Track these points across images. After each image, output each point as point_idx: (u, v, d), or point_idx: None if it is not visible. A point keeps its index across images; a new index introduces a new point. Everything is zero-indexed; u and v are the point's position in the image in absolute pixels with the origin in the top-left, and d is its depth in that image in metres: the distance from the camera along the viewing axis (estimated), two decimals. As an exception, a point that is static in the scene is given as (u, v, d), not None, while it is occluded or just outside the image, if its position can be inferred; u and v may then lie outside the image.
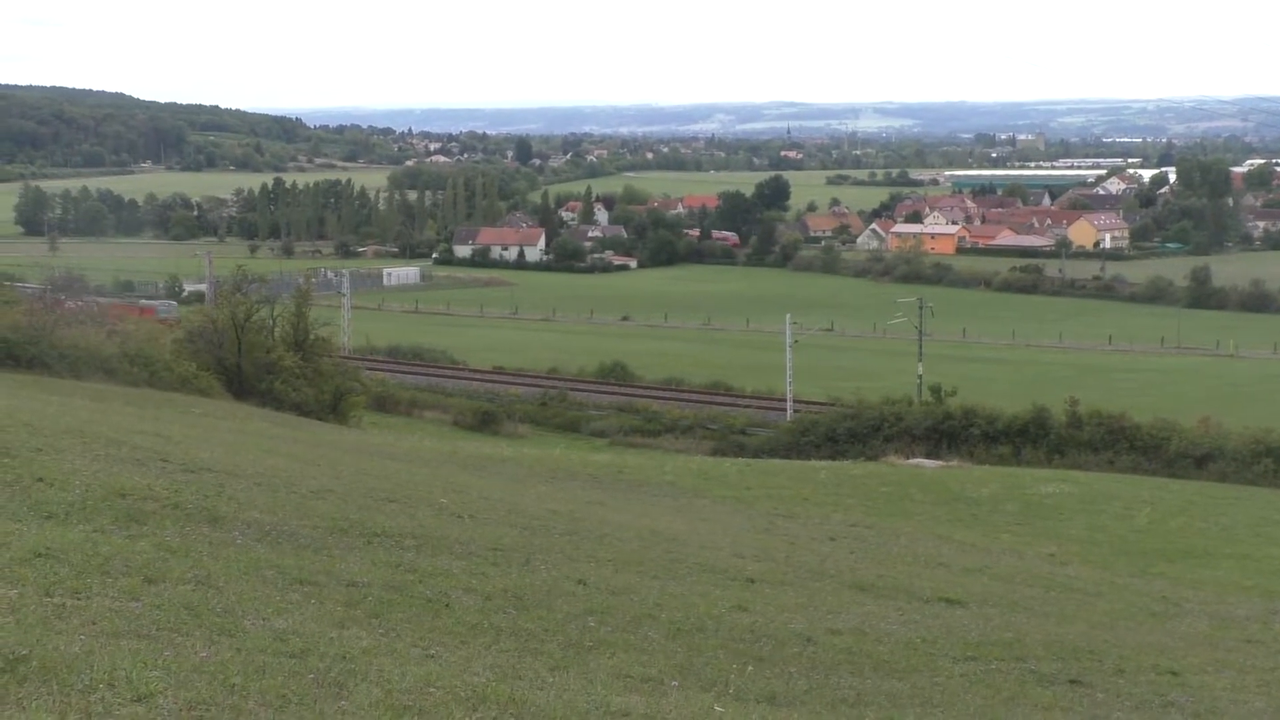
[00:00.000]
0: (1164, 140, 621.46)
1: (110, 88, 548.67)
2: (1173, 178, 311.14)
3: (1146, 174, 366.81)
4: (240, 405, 46.29)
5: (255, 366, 54.20)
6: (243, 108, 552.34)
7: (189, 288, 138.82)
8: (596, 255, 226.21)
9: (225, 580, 11.54)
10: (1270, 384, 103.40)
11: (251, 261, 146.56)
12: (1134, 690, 15.71)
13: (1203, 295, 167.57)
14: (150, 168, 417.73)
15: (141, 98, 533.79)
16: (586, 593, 15.15)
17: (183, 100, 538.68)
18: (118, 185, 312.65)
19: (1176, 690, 16.13)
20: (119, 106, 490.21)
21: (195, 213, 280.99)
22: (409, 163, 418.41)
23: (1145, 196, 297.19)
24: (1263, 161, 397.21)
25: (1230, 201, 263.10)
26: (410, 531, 17.09)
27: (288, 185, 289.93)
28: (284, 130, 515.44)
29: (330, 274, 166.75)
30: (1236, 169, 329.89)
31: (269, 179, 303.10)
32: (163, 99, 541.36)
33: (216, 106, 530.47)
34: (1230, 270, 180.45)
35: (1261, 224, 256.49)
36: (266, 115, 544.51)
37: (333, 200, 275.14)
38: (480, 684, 9.37)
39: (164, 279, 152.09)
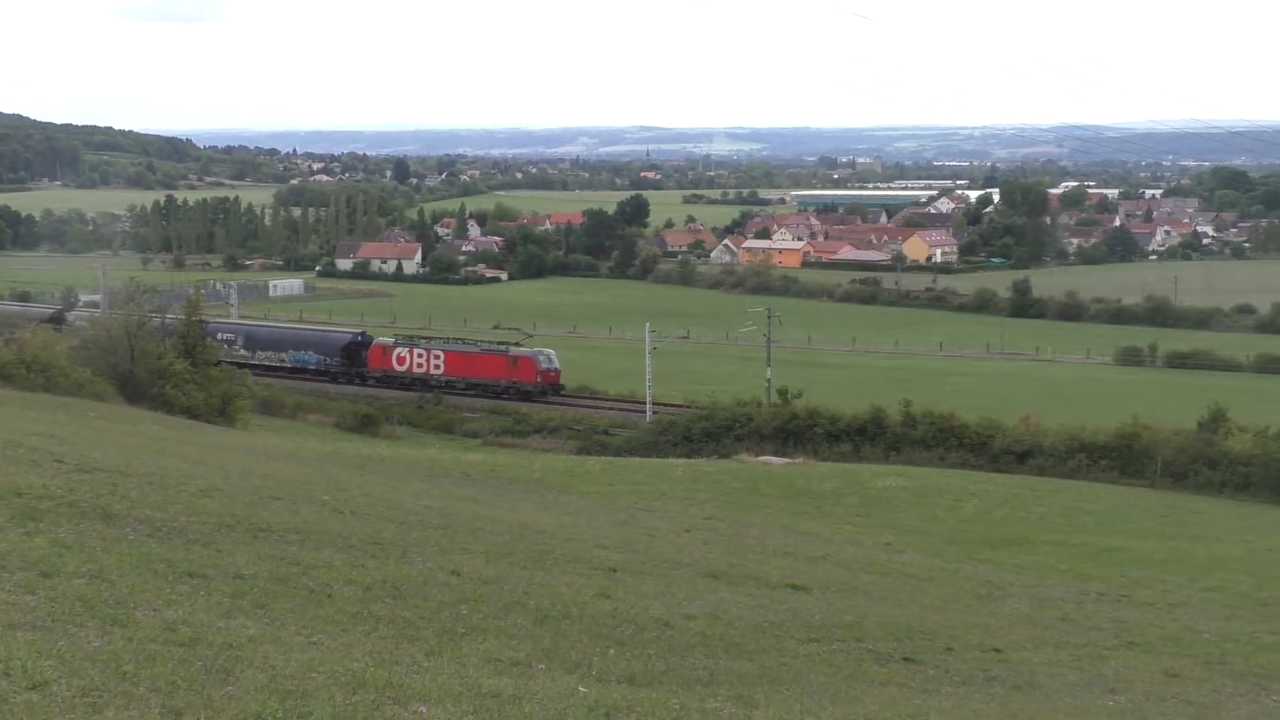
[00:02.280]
0: (989, 164, 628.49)
1: (7, 109, 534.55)
2: (996, 198, 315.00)
3: (973, 194, 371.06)
4: (133, 409, 45.54)
5: (147, 372, 53.36)
6: (135, 129, 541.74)
7: (84, 298, 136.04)
8: (470, 268, 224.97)
9: (118, 574, 11.35)
10: (1083, 386, 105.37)
11: (144, 274, 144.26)
12: (962, 666, 15.95)
13: (1023, 305, 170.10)
14: (47, 185, 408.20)
15: (38, 119, 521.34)
16: (460, 583, 15.09)
17: (78, 122, 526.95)
18: (15, 201, 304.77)
19: (1000, 666, 16.41)
20: (16, 127, 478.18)
21: (90, 228, 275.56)
22: (294, 181, 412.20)
23: (972, 215, 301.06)
24: (1076, 184, 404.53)
25: (1048, 220, 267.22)
26: (294, 527, 16.93)
27: (179, 202, 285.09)
28: (175, 150, 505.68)
29: (219, 285, 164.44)
30: (1053, 190, 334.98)
31: (161, 196, 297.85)
32: (59, 120, 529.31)
33: (110, 128, 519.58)
34: (1048, 283, 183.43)
35: (1076, 240, 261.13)
36: (158, 136, 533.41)
37: (221, 216, 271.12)
38: (360, 669, 9.30)
39: (60, 290, 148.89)
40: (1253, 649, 20.98)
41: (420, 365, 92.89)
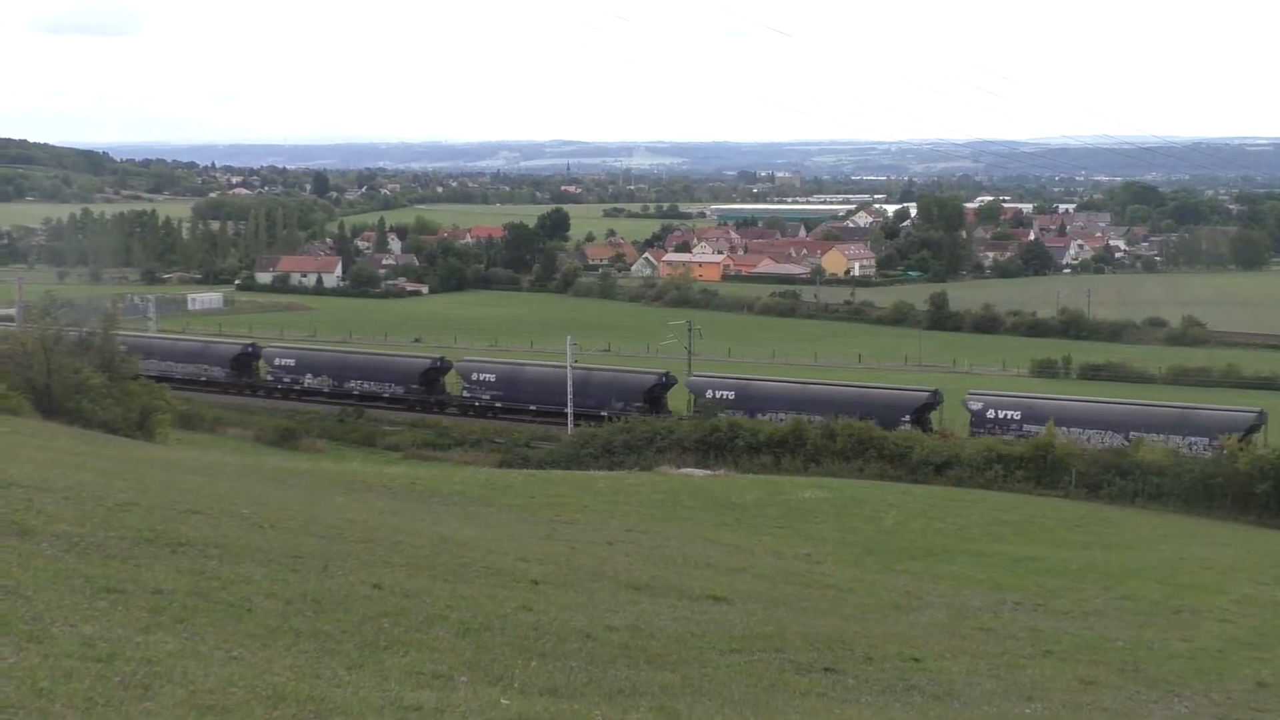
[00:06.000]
0: (906, 178, 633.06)
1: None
2: (913, 212, 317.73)
3: (890, 209, 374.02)
4: (49, 424, 44.90)
5: (63, 386, 52.69)
6: (51, 141, 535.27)
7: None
8: (390, 282, 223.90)
9: (34, 589, 11.19)
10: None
11: (60, 287, 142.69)
12: (881, 676, 16.04)
13: (941, 318, 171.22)
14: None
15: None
16: (381, 596, 15.00)
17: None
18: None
19: (918, 675, 16.50)
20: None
21: (5, 241, 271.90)
22: (212, 195, 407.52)
23: (889, 229, 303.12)
24: (991, 198, 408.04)
25: (964, 234, 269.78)
26: (214, 541, 16.74)
27: (95, 215, 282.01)
28: (91, 163, 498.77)
29: (136, 299, 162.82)
30: (969, 205, 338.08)
31: (77, 209, 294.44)
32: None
33: (25, 140, 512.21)
34: (964, 296, 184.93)
35: (991, 254, 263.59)
36: (74, 149, 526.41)
37: (139, 230, 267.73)
38: (281, 683, 9.22)
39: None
40: (1165, 656, 21.24)
41: None
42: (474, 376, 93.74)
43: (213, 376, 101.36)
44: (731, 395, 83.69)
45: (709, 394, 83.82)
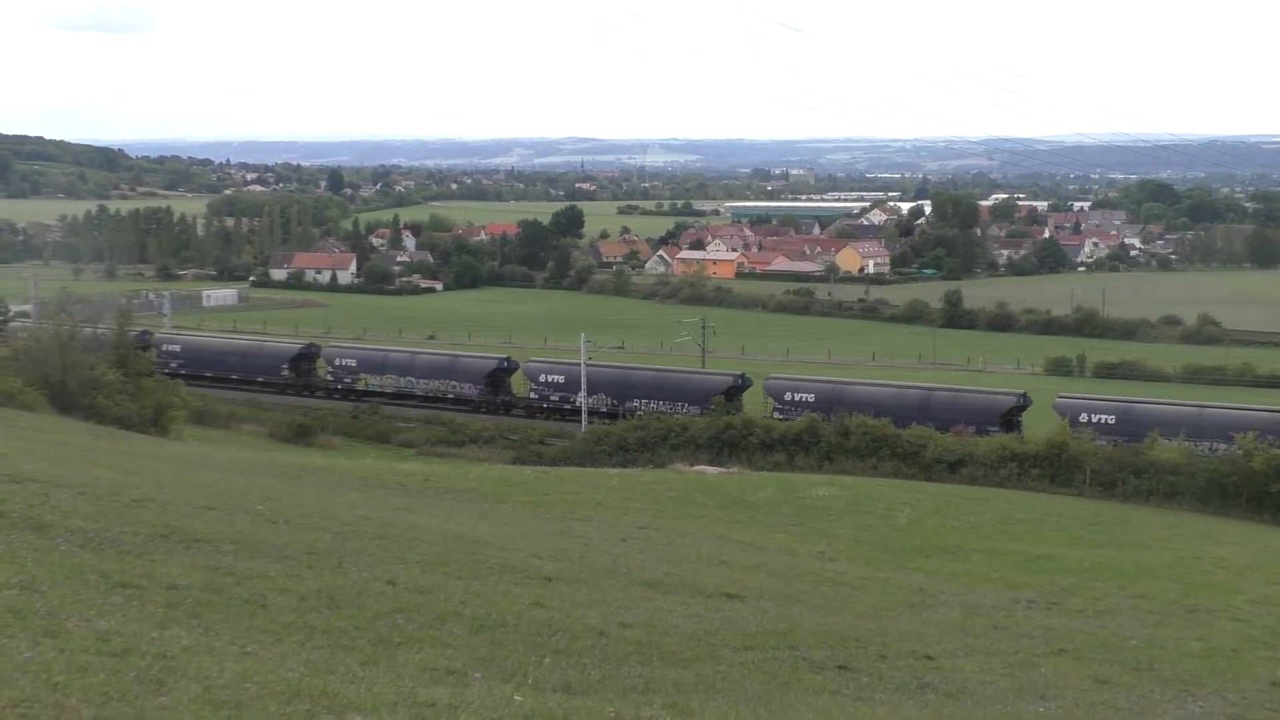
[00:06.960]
0: (920, 176, 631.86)
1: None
2: (928, 210, 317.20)
3: (905, 206, 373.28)
4: (64, 419, 45.03)
5: (79, 382, 52.79)
6: (67, 138, 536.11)
7: (15, 308, 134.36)
8: (404, 279, 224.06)
9: (49, 585, 11.21)
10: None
11: (76, 284, 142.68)
12: (894, 674, 16.02)
13: (955, 316, 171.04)
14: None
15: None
16: (395, 592, 15.01)
17: (8, 131, 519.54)
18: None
19: (932, 673, 16.48)
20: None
21: (21, 238, 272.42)
22: (227, 191, 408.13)
23: (904, 227, 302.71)
24: (1006, 196, 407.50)
25: (978, 232, 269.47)
26: (228, 537, 16.77)
27: (111, 212, 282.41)
28: (107, 160, 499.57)
29: (152, 295, 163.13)
30: (984, 203, 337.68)
31: (93, 206, 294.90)
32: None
33: (41, 137, 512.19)
34: (979, 294, 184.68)
35: (1005, 252, 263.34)
36: (90, 146, 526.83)
37: (154, 226, 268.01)
38: (294, 678, 9.24)
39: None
40: (1179, 655, 21.20)
41: None
42: (787, 396, 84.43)
43: (462, 394, 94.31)
44: (1112, 420, 75.19)
45: (1083, 417, 74.43)
